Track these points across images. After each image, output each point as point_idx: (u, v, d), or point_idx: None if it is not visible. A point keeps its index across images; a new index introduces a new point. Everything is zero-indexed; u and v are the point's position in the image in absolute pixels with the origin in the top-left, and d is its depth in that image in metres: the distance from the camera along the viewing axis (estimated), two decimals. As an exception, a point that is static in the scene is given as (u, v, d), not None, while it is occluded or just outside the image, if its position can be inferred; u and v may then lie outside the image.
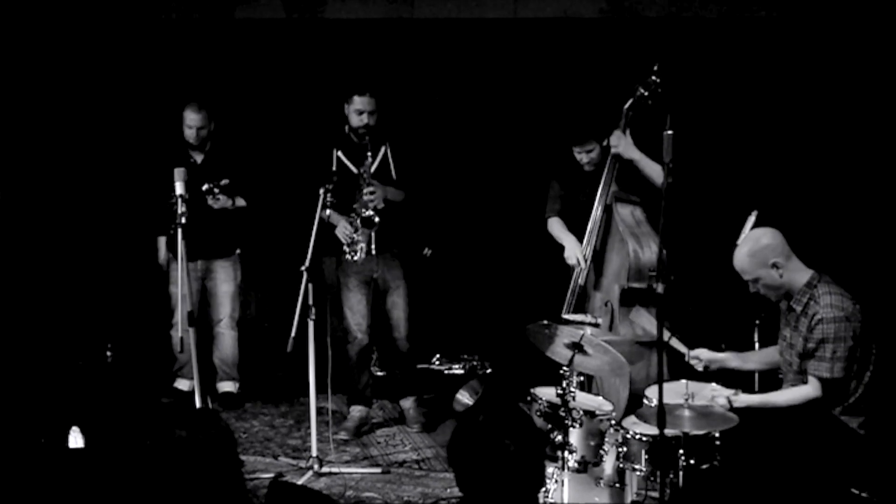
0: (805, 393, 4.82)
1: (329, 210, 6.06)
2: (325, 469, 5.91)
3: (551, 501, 4.92)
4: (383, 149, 6.52)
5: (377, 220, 6.26)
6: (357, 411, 6.69)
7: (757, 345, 5.61)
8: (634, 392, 5.63)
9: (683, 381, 4.79)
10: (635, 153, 5.92)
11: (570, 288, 6.09)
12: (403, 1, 7.63)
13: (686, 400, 4.62)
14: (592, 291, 6.16)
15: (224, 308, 7.05)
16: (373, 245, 6.41)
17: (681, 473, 4.69)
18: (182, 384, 7.09)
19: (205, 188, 6.60)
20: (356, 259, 6.36)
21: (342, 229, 6.37)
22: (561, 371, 5.02)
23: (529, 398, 5.19)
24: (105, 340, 7.14)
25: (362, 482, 5.86)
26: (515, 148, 7.51)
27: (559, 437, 4.92)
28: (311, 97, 7.53)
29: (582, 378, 5.48)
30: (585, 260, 6.06)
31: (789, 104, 7.21)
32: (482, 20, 7.57)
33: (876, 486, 4.56)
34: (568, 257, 6.15)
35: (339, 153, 6.47)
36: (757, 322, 5.66)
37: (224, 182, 6.70)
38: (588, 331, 5.12)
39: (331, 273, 6.66)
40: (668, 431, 4.45)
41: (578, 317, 5.90)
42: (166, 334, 6.87)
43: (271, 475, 5.75)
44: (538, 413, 5.06)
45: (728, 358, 5.17)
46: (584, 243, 6.08)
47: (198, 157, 6.86)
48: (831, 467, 4.59)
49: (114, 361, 7.09)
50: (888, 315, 5.50)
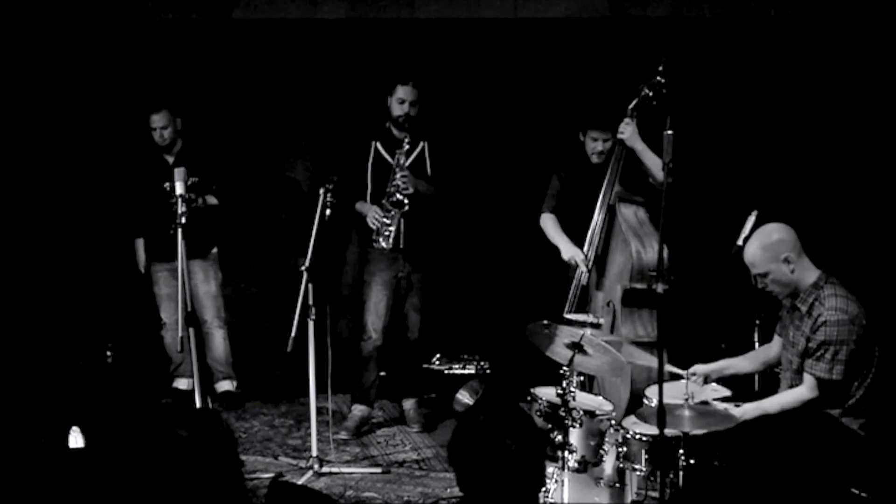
0: (799, 395, 4.81)
1: (362, 202, 6.40)
2: (325, 469, 5.91)
3: (551, 501, 4.92)
4: (422, 144, 6.54)
5: (407, 203, 6.30)
6: (358, 411, 6.68)
7: (757, 345, 5.61)
8: (635, 392, 5.63)
9: (683, 381, 4.79)
10: (639, 143, 5.94)
11: (572, 288, 6.10)
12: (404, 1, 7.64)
13: (686, 400, 4.62)
14: (594, 291, 6.16)
15: (208, 309, 7.03)
16: (401, 238, 6.43)
17: (681, 473, 4.69)
18: (181, 383, 7.10)
19: (167, 185, 6.42)
20: (384, 246, 6.36)
21: (373, 214, 6.37)
22: (561, 371, 5.02)
23: (529, 398, 5.19)
24: (105, 340, 7.14)
25: (362, 482, 5.86)
26: (515, 148, 7.50)
27: (559, 437, 4.92)
28: (311, 97, 7.53)
29: (583, 378, 5.48)
30: (587, 264, 6.06)
31: (791, 104, 7.20)
32: (482, 20, 7.56)
33: (876, 487, 4.56)
34: (568, 258, 6.16)
35: (378, 144, 6.50)
36: (757, 322, 5.67)
37: (192, 180, 6.62)
38: (588, 331, 5.12)
39: (352, 267, 6.67)
40: (668, 431, 4.45)
41: (580, 317, 5.90)
42: (158, 335, 6.90)
43: (271, 475, 5.75)
44: (538, 413, 5.06)
45: (724, 366, 5.18)
46: (586, 247, 6.08)
47: (170, 159, 6.88)
48: (832, 468, 4.59)
49: (114, 361, 7.09)
50: (889, 316, 5.49)
